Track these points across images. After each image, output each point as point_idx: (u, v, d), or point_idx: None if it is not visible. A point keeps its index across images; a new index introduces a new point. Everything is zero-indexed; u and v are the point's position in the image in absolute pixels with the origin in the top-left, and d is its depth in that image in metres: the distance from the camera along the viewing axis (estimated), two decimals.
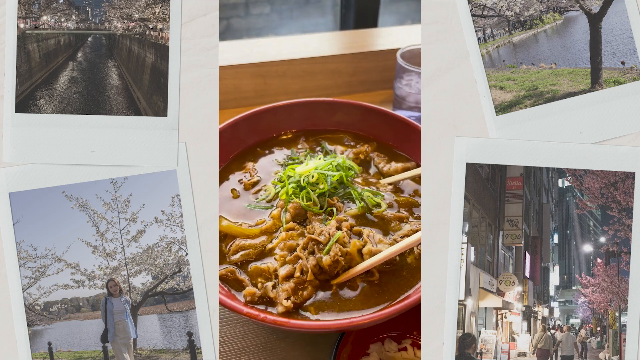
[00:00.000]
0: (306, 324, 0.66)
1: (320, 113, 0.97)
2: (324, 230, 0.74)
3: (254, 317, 0.65)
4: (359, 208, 0.81)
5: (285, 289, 0.70)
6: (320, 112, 0.97)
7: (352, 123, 0.98)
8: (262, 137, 0.96)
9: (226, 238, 0.79)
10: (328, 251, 0.72)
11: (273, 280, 0.71)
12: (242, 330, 0.79)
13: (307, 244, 0.74)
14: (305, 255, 0.73)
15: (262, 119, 0.95)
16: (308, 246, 0.74)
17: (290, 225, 0.78)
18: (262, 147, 0.96)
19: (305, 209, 0.80)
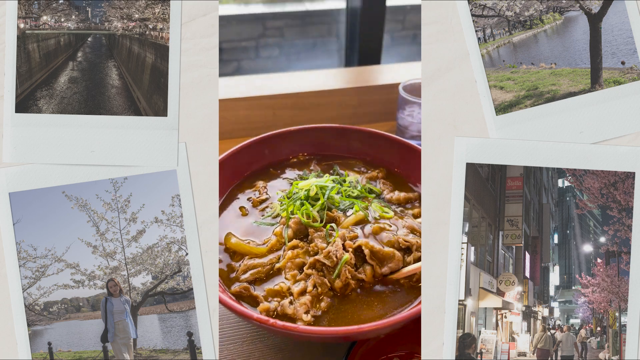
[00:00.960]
0: (315, 329, 0.65)
1: (330, 138, 1.00)
2: (330, 252, 0.74)
3: (264, 322, 0.64)
4: (354, 213, 0.81)
5: (303, 302, 0.70)
6: (330, 138, 1.00)
7: (361, 149, 1.00)
8: (274, 159, 0.98)
9: (235, 255, 0.80)
10: (338, 275, 0.72)
11: (289, 297, 0.72)
12: (249, 348, 0.80)
13: (313, 264, 0.74)
14: (315, 273, 0.74)
15: (275, 142, 0.98)
16: (316, 266, 0.74)
17: (293, 243, 0.78)
18: (275, 167, 0.98)
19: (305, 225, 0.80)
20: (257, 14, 2.85)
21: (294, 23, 2.90)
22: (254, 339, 0.81)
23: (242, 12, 2.85)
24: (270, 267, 0.76)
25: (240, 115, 1.23)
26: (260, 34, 2.87)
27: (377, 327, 0.64)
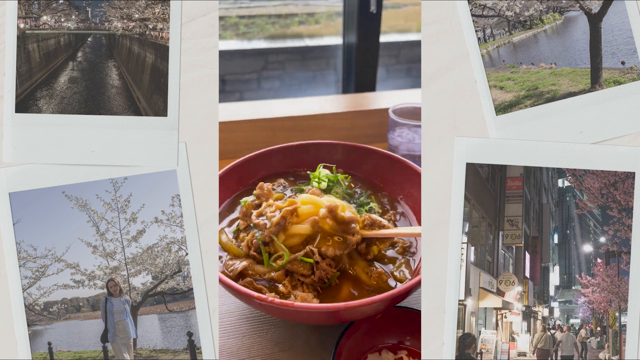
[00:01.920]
0: (309, 305, 0.67)
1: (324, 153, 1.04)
2: (263, 212, 0.78)
3: (263, 300, 0.67)
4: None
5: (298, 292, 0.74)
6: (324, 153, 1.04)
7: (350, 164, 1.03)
8: (290, 168, 1.02)
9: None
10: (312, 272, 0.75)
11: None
12: (249, 341, 0.81)
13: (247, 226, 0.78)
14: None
15: (293, 152, 1.02)
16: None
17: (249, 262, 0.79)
18: (287, 176, 1.00)
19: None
20: (260, 49, 3.01)
21: (294, 57, 3.06)
22: (252, 333, 0.82)
23: (245, 47, 3.01)
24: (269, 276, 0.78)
25: (243, 136, 1.33)
26: (262, 67, 3.01)
27: (362, 304, 0.66)
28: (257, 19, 2.90)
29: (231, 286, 0.69)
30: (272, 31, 2.97)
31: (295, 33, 2.98)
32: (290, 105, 1.46)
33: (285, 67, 3.02)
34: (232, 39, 2.93)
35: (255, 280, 0.75)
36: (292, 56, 3.02)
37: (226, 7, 2.76)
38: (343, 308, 0.66)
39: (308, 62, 3.03)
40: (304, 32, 2.98)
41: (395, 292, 0.68)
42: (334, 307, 0.66)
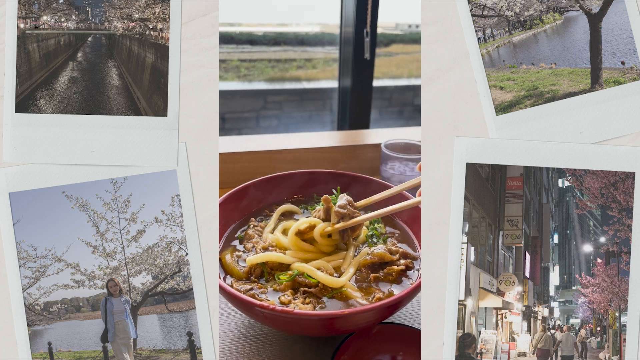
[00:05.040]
0: (308, 312, 0.69)
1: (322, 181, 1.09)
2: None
3: (265, 308, 0.68)
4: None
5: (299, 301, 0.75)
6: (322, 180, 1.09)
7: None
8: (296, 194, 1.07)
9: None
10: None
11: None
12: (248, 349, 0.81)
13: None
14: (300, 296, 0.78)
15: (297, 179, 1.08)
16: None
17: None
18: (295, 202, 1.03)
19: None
20: (259, 90, 3.17)
21: (292, 98, 3.22)
22: (250, 352, 0.81)
23: (245, 87, 3.16)
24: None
25: (245, 167, 1.43)
26: (261, 106, 3.16)
27: (358, 311, 0.68)
28: (257, 63, 3.08)
29: (231, 294, 0.69)
30: (271, 74, 3.13)
31: (294, 76, 3.15)
32: (290, 139, 1.58)
33: (283, 107, 3.19)
34: (233, 80, 3.08)
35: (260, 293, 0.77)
36: (290, 97, 3.19)
37: (228, 51, 2.91)
38: (340, 315, 0.67)
39: (305, 103, 3.21)
40: (302, 76, 3.15)
41: (390, 301, 0.69)
42: (332, 315, 0.68)
